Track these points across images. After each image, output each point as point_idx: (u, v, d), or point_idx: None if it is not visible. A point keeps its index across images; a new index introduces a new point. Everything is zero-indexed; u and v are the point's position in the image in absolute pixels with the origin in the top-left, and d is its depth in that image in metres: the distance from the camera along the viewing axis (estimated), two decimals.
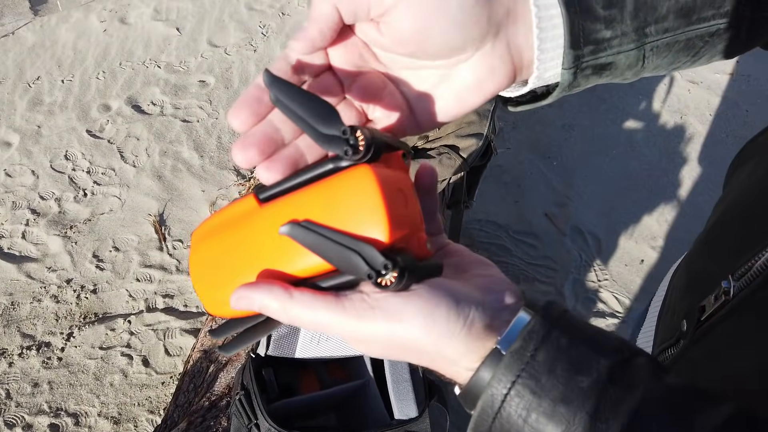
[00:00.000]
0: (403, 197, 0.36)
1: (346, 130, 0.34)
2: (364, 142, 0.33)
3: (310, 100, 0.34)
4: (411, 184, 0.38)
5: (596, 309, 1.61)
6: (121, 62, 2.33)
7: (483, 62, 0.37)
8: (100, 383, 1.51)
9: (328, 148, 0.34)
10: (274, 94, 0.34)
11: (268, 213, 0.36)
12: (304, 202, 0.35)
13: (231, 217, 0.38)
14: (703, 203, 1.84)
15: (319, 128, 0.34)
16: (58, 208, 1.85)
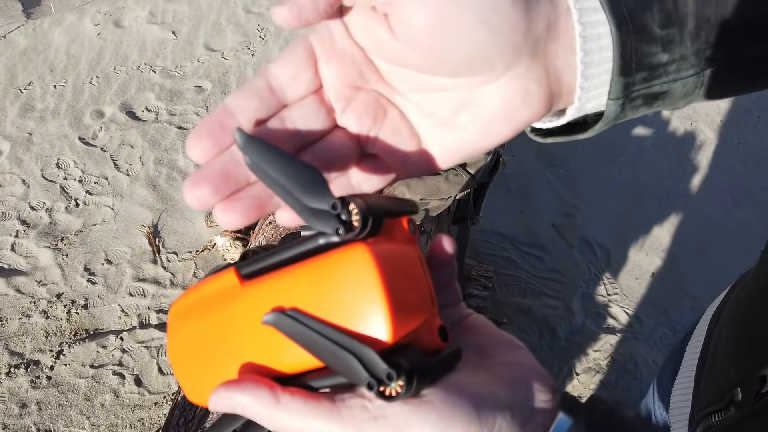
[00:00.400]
0: (409, 280, 0.30)
1: (336, 204, 0.28)
2: (359, 216, 0.28)
3: (293, 166, 0.29)
4: (420, 260, 0.32)
5: (606, 324, 1.55)
6: (116, 67, 2.27)
7: (515, 85, 0.31)
8: (91, 404, 1.45)
9: (317, 224, 0.29)
10: (250, 158, 0.29)
11: (250, 295, 0.32)
12: (290, 285, 0.30)
13: (210, 295, 0.34)
14: (716, 213, 1.78)
15: (305, 201, 0.29)
16: (48, 218, 1.80)
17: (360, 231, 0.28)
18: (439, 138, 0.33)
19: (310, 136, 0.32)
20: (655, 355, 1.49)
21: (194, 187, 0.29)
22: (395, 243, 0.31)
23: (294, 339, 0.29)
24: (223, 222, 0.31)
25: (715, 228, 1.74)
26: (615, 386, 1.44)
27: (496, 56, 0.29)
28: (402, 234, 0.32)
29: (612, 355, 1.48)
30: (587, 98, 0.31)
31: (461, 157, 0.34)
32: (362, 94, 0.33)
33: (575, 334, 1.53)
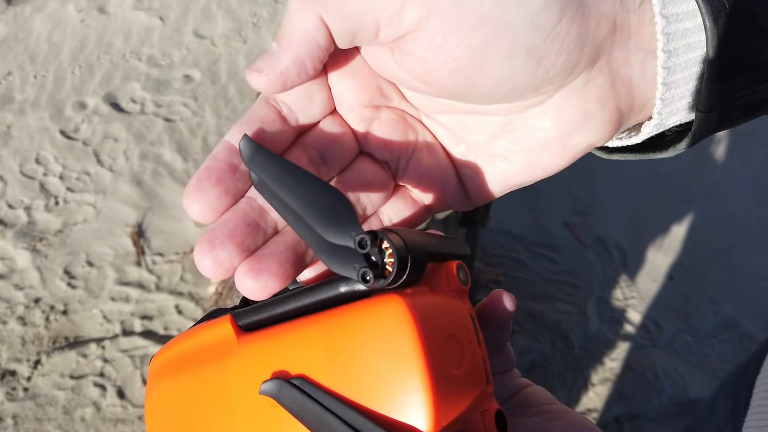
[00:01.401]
0: (459, 347, 0.23)
1: (365, 240, 0.22)
2: (395, 257, 0.22)
3: (311, 187, 0.23)
4: (473, 320, 0.25)
5: (623, 331, 1.45)
6: (99, 55, 2.15)
7: (570, 105, 0.25)
8: (70, 417, 1.35)
9: (337, 266, 0.23)
10: (258, 174, 0.23)
11: (247, 353, 0.26)
12: (298, 344, 0.24)
13: (199, 349, 0.28)
14: (739, 212, 1.68)
15: (324, 233, 0.23)
16: (27, 217, 1.69)
17: (395, 278, 0.22)
18: (475, 171, 0.28)
19: (335, 162, 0.27)
20: (676, 364, 1.39)
21: (212, 247, 0.23)
22: (441, 296, 0.25)
23: (298, 417, 0.23)
24: (251, 291, 0.23)
25: (737, 227, 1.64)
26: (633, 398, 1.34)
27: (542, 83, 0.24)
28: (450, 284, 0.25)
29: (630, 363, 1.39)
30: (670, 111, 0.26)
31: (503, 190, 0.29)
32: (385, 113, 0.27)
33: (590, 341, 1.43)
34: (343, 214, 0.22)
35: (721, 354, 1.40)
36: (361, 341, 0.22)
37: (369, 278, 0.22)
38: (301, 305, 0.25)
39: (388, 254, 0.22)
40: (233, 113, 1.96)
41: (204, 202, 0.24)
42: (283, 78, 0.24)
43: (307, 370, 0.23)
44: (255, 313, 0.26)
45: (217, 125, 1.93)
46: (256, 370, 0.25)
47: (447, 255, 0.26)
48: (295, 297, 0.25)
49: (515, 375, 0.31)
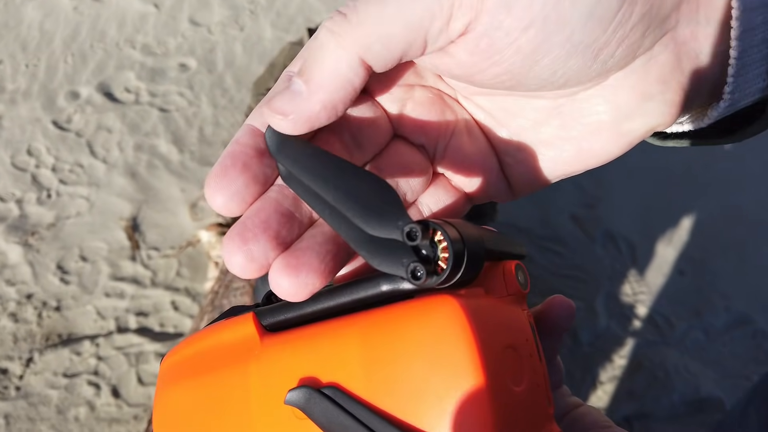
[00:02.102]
0: (518, 361, 0.20)
1: (415, 231, 0.19)
2: (450, 252, 0.19)
3: (348, 175, 0.20)
4: (531, 330, 0.22)
5: (632, 327, 1.41)
6: (92, 44, 2.10)
7: (628, 86, 0.22)
8: (64, 417, 1.32)
9: (380, 261, 0.20)
10: (286, 165, 0.21)
11: (272, 357, 0.23)
12: (331, 349, 0.21)
13: (216, 349, 0.25)
14: (750, 204, 1.63)
15: (365, 226, 0.20)
16: (19, 211, 1.64)
17: (449, 275, 0.19)
18: (520, 158, 0.25)
19: (369, 146, 0.24)
20: (687, 361, 1.35)
21: (244, 241, 0.20)
22: (498, 300, 0.22)
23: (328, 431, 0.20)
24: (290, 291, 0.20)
25: (749, 219, 1.60)
26: (643, 396, 1.30)
27: (599, 74, 0.22)
28: (508, 287, 0.23)
29: (640, 361, 1.35)
30: (743, 92, 0.23)
31: (550, 180, 0.27)
32: (419, 93, 0.25)
33: (599, 338, 1.39)
34: (388, 202, 0.19)
35: (733, 351, 1.36)
36: (407, 348, 0.19)
37: (420, 274, 0.19)
38: (335, 304, 0.22)
39: (441, 248, 0.19)
40: (230, 103, 1.91)
41: (230, 192, 0.21)
42: (310, 123, 0.21)
43: (340, 379, 0.20)
44: (281, 311, 0.24)
45: (213, 115, 1.87)
46: (281, 376, 0.22)
47: (504, 254, 0.23)
48: (328, 295, 0.22)
49: (565, 392, 0.28)
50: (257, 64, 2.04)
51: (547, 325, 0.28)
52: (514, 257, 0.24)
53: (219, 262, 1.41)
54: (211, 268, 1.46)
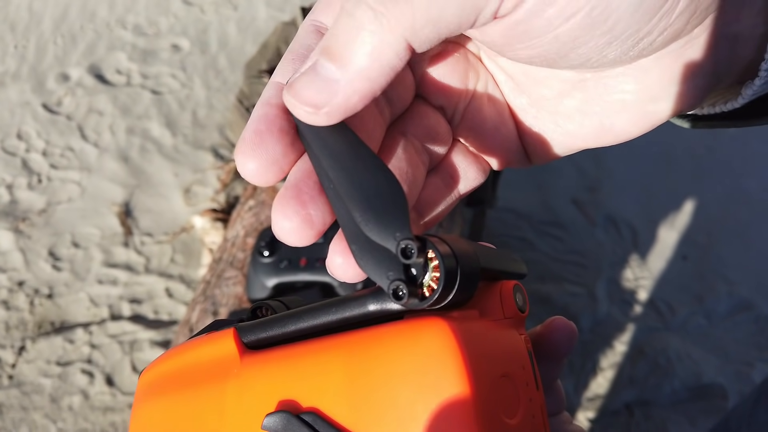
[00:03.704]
0: (513, 391, 0.19)
1: (410, 248, 0.17)
2: (441, 273, 0.17)
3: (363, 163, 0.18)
4: (528, 356, 0.20)
5: (634, 313, 1.39)
6: (83, 24, 2.05)
7: (659, 66, 0.21)
8: (57, 406, 1.30)
9: (367, 265, 0.18)
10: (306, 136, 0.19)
11: (250, 377, 0.21)
12: (313, 372, 0.20)
13: (194, 366, 0.24)
14: (754, 187, 1.61)
15: (364, 226, 0.18)
16: (9, 196, 1.61)
17: (438, 298, 0.18)
18: (539, 127, 0.24)
19: (398, 102, 0.23)
20: (689, 347, 1.33)
21: (302, 204, 0.19)
22: (493, 324, 0.20)
23: None
24: (348, 272, 0.19)
25: (753, 204, 1.57)
26: (645, 383, 1.29)
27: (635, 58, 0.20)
28: (505, 309, 0.21)
29: (641, 347, 1.33)
30: None
31: (564, 153, 0.25)
32: (443, 47, 0.23)
33: (600, 324, 1.37)
34: (393, 207, 0.18)
35: (735, 337, 1.34)
36: (392, 375, 0.18)
37: (402, 294, 0.17)
38: (320, 323, 0.20)
39: (432, 266, 0.17)
40: (224, 85, 1.87)
41: (267, 160, 0.19)
42: (345, 114, 0.18)
43: (321, 404, 0.19)
44: (263, 328, 0.22)
45: (207, 98, 1.84)
46: (260, 398, 0.21)
47: (501, 273, 0.21)
48: (312, 312, 0.21)
49: (566, 419, 0.26)
50: (251, 44, 2.00)
51: (547, 349, 0.26)
52: (513, 276, 0.23)
53: (213, 249, 1.38)
54: (205, 254, 1.43)
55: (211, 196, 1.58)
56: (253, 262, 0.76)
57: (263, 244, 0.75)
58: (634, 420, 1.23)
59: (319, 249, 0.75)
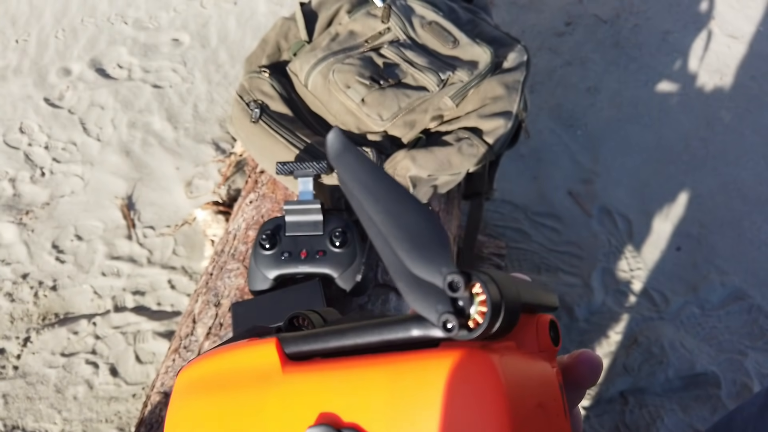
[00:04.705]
0: (545, 421, 0.19)
1: (457, 281, 0.18)
2: (487, 307, 0.18)
3: (401, 203, 0.19)
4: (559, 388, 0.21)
5: (628, 303, 1.41)
6: (83, 18, 2.06)
7: None
8: (62, 396, 1.32)
9: (415, 301, 0.19)
10: (344, 175, 0.20)
11: (293, 388, 0.22)
12: (355, 387, 0.20)
13: (235, 370, 0.24)
14: (748, 179, 1.62)
15: (407, 261, 0.19)
16: (12, 189, 1.63)
17: (484, 332, 0.19)
18: None
19: None
20: (683, 336, 1.35)
21: None
22: (530, 356, 0.21)
23: None
24: None
25: (747, 195, 1.59)
26: (639, 371, 1.31)
27: None
28: (540, 342, 0.22)
29: (635, 337, 1.35)
30: None
31: None
32: None
33: (594, 314, 1.39)
34: (435, 245, 0.18)
35: (729, 326, 1.36)
36: (435, 399, 0.18)
37: (452, 326, 0.18)
38: (363, 342, 0.21)
39: (478, 301, 0.18)
40: (224, 79, 1.88)
41: None
42: None
43: (362, 421, 0.20)
44: (305, 341, 0.23)
45: (208, 92, 1.85)
46: (301, 409, 0.21)
47: (538, 307, 0.22)
48: (356, 331, 0.21)
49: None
50: (251, 38, 2.01)
51: (572, 380, 0.26)
52: (546, 309, 0.24)
53: (214, 241, 1.40)
54: (208, 246, 1.45)
55: (212, 189, 1.60)
56: (254, 254, 0.77)
57: (264, 236, 0.76)
58: (628, 407, 1.25)
59: (318, 241, 0.77)
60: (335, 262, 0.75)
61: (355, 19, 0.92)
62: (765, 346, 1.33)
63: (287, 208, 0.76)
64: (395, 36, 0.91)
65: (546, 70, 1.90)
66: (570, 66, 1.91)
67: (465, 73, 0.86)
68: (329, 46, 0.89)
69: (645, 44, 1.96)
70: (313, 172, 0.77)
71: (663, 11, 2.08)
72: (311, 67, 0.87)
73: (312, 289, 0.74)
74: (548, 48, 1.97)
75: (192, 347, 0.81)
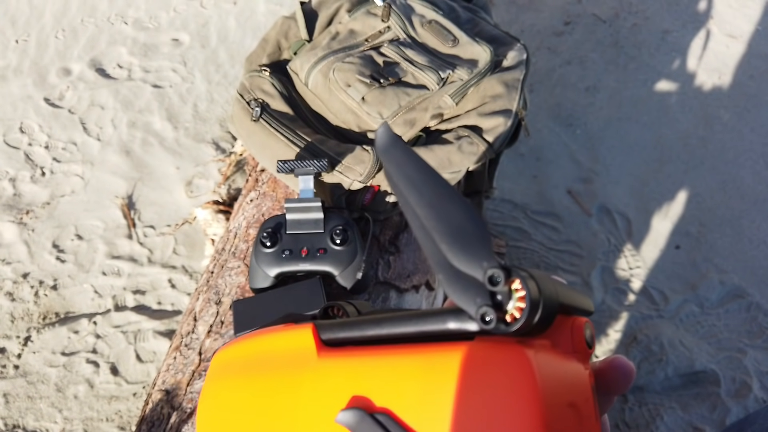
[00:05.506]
0: (577, 420, 0.20)
1: (497, 275, 0.19)
2: (526, 303, 0.19)
3: (446, 199, 0.20)
4: (592, 390, 0.22)
5: (627, 301, 1.41)
6: (83, 18, 2.06)
7: None
8: (63, 395, 1.32)
9: (455, 293, 0.20)
10: (390, 169, 0.20)
11: (328, 372, 0.23)
12: (390, 375, 0.21)
13: (272, 353, 0.25)
14: (747, 177, 1.62)
15: (451, 256, 0.19)
16: (13, 189, 1.63)
17: (521, 327, 0.19)
18: None
19: None
20: (682, 335, 1.36)
21: None
22: (564, 356, 0.21)
23: None
24: None
25: (745, 193, 1.59)
26: (638, 369, 1.31)
27: None
28: (575, 343, 0.22)
29: (634, 335, 1.35)
30: None
31: None
32: None
33: (594, 312, 1.39)
34: (477, 239, 0.19)
35: (728, 324, 1.37)
36: (469, 391, 0.19)
37: (490, 320, 0.19)
38: (398, 332, 0.21)
39: (517, 297, 0.19)
40: (224, 78, 1.89)
41: None
42: None
43: (395, 407, 0.20)
44: (341, 328, 0.23)
45: (207, 91, 1.85)
46: (335, 393, 0.22)
47: (573, 309, 0.22)
48: (391, 321, 0.22)
49: None
50: (251, 38, 2.01)
51: (603, 385, 0.26)
52: (582, 312, 0.24)
53: (215, 240, 1.41)
54: (208, 245, 1.46)
55: (212, 189, 1.60)
56: (255, 252, 0.78)
57: (265, 235, 0.76)
58: (627, 405, 1.26)
59: (319, 239, 0.77)
60: (336, 260, 0.75)
61: (355, 18, 0.93)
62: (764, 344, 1.33)
63: (288, 206, 0.77)
64: (395, 35, 0.91)
65: (545, 70, 1.90)
66: (569, 65, 1.91)
67: (465, 72, 0.87)
68: (329, 45, 0.89)
69: (644, 44, 1.96)
70: (314, 170, 0.77)
71: (662, 11, 2.08)
72: (312, 65, 0.87)
73: (313, 287, 0.74)
74: (547, 47, 1.97)
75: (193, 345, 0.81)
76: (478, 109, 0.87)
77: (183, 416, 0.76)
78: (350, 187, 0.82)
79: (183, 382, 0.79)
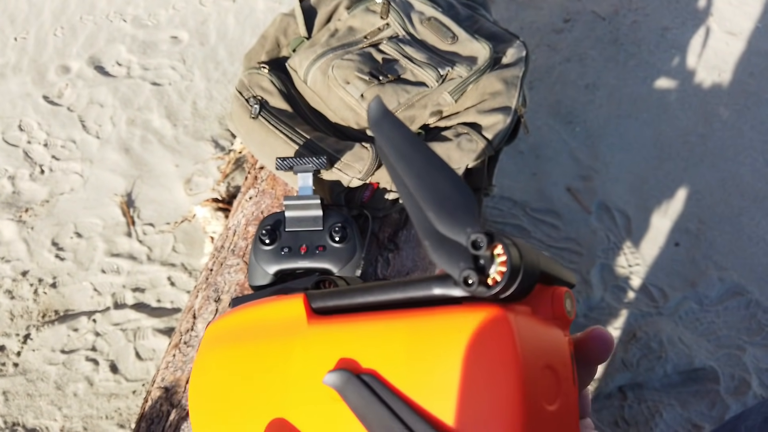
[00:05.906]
0: (554, 382, 0.20)
1: (480, 240, 0.20)
2: (506, 266, 0.20)
3: (435, 169, 0.20)
4: (570, 356, 0.22)
5: (627, 299, 1.41)
6: (82, 16, 2.06)
7: None
8: (63, 393, 1.32)
9: (440, 258, 0.21)
10: (380, 140, 0.21)
11: (317, 337, 0.23)
12: (375, 339, 0.21)
13: (263, 321, 0.25)
14: (747, 175, 1.62)
15: (437, 222, 0.20)
16: (12, 187, 1.63)
17: (501, 289, 0.20)
18: None
19: None
20: (681, 332, 1.36)
21: None
22: (543, 321, 0.22)
23: (361, 418, 0.20)
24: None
25: (745, 191, 1.59)
26: (638, 366, 1.31)
27: None
28: (555, 311, 0.23)
29: (634, 332, 1.36)
30: None
31: None
32: None
33: (593, 310, 1.39)
34: (462, 206, 0.20)
35: (727, 322, 1.37)
36: (451, 351, 0.19)
37: (471, 282, 0.19)
38: (385, 299, 0.22)
39: (499, 261, 0.20)
40: (223, 76, 1.88)
41: None
42: None
43: (380, 368, 0.21)
44: (331, 297, 0.24)
45: (207, 89, 1.85)
46: (323, 357, 0.22)
47: (555, 279, 0.23)
48: (379, 289, 0.23)
49: (588, 425, 0.27)
50: (250, 36, 2.01)
51: (583, 355, 0.27)
52: (564, 284, 0.25)
53: (214, 237, 1.41)
54: (207, 243, 1.46)
55: (211, 186, 1.60)
56: (254, 249, 0.78)
57: (264, 232, 0.76)
58: (627, 402, 1.26)
59: (318, 237, 0.77)
60: (335, 257, 0.75)
61: (354, 15, 0.93)
62: (763, 341, 1.33)
63: (287, 203, 0.77)
64: (394, 32, 0.91)
65: (545, 67, 1.90)
66: (569, 63, 1.91)
67: (464, 69, 0.87)
68: (328, 42, 0.89)
69: (643, 41, 1.96)
70: (313, 168, 0.77)
71: (661, 8, 2.08)
72: (310, 63, 0.87)
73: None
74: (547, 45, 1.97)
75: (192, 342, 0.81)
76: (478, 107, 0.87)
77: (182, 413, 0.76)
78: (349, 185, 0.82)
79: (182, 380, 0.79)
